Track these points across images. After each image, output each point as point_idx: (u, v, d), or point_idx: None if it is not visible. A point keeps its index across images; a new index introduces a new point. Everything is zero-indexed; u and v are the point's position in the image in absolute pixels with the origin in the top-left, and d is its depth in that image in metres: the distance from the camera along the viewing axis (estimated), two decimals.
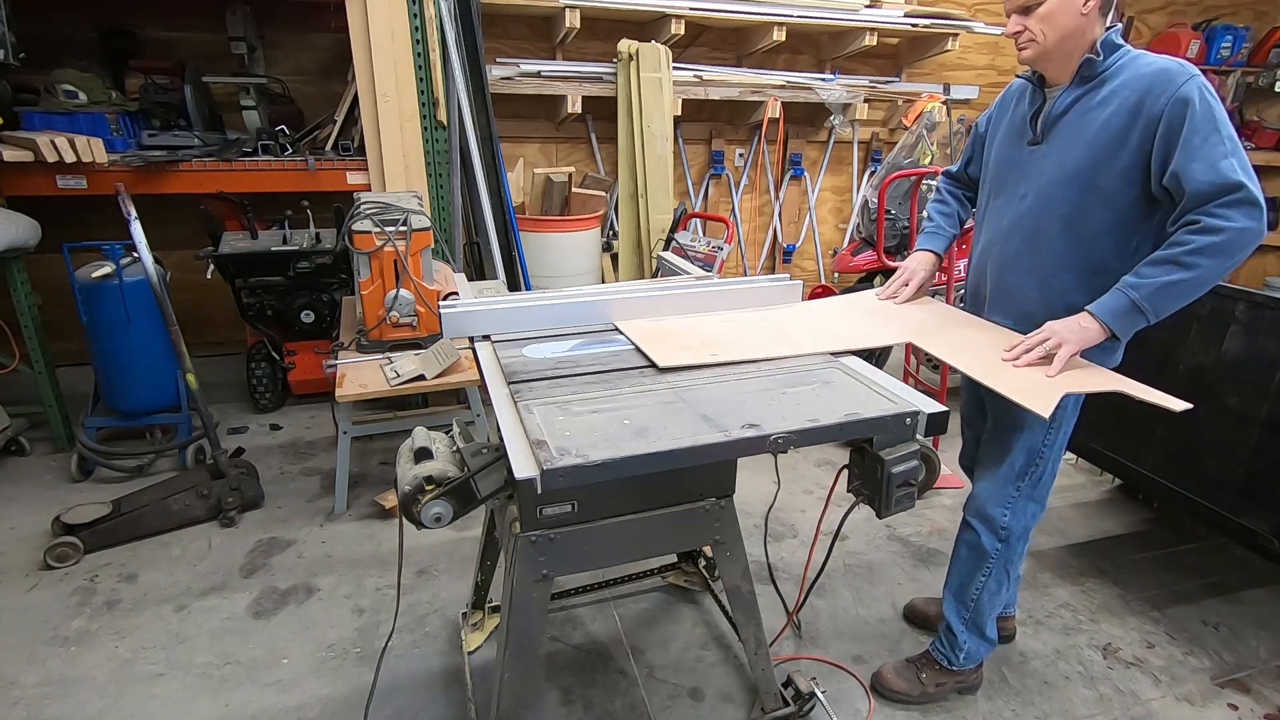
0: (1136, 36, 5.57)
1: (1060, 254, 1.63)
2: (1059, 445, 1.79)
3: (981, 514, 1.85)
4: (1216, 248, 1.42)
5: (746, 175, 4.97)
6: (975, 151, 1.96)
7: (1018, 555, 1.89)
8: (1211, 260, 1.43)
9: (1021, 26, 1.55)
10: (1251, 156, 5.52)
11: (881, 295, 1.96)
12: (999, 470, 1.81)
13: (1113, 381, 1.46)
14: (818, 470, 3.25)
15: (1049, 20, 1.52)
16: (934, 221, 2.01)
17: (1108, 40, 1.54)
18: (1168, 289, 1.47)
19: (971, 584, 1.91)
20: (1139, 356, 2.50)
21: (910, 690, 2.00)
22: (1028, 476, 1.79)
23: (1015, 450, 1.77)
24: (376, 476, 3.10)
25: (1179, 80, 1.44)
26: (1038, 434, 1.75)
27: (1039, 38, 1.55)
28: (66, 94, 3.17)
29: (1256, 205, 1.40)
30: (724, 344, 1.62)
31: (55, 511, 2.55)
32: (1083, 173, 1.57)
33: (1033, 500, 1.82)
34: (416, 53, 3.28)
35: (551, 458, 1.13)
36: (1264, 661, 2.21)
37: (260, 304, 3.30)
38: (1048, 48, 1.55)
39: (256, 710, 1.94)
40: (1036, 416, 1.69)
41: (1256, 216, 1.40)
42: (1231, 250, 1.42)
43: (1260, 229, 1.41)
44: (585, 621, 2.29)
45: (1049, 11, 1.51)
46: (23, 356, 3.13)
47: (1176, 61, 1.48)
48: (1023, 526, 1.84)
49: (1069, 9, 1.50)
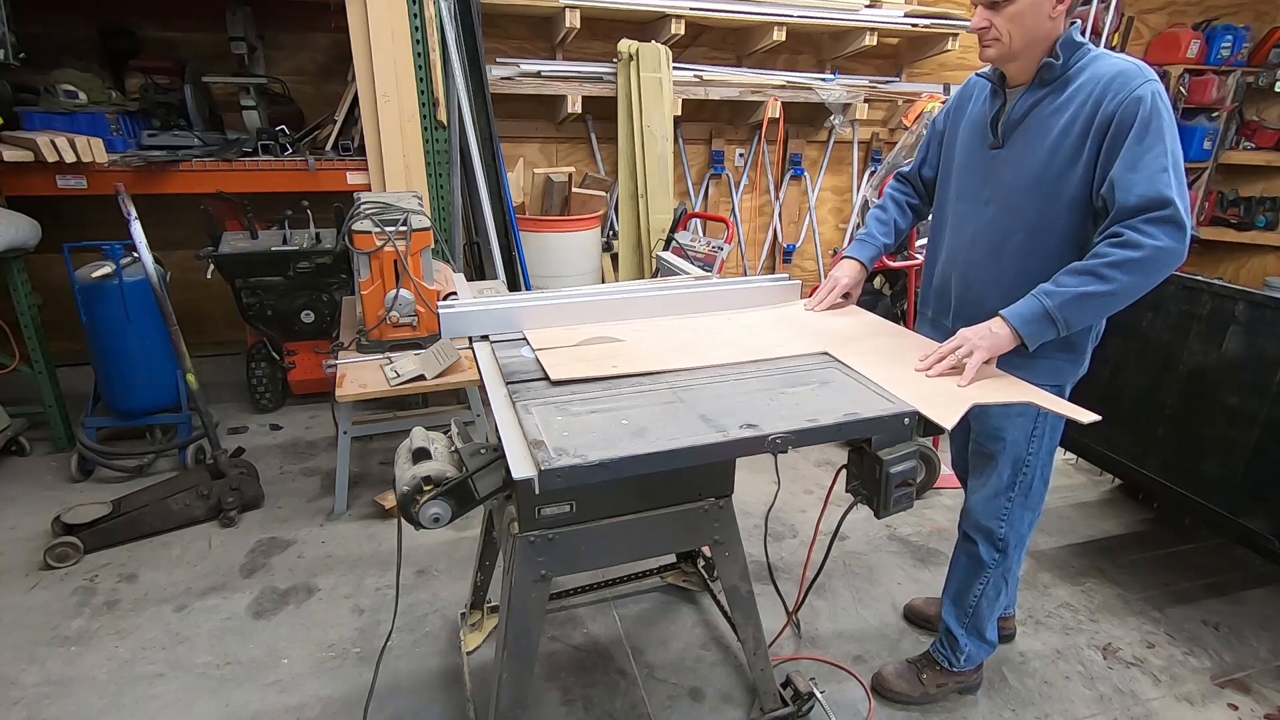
0: (1136, 37, 5.57)
1: (1024, 263, 1.59)
2: (1045, 452, 1.75)
3: (977, 527, 1.85)
4: (1135, 264, 1.39)
5: (746, 175, 4.96)
6: (931, 152, 1.91)
7: (1015, 562, 1.88)
8: (1128, 276, 1.40)
9: (987, 23, 1.50)
10: (1251, 156, 5.47)
11: (808, 305, 1.94)
12: (988, 483, 1.79)
13: (1025, 393, 1.43)
14: (818, 470, 3.25)
15: (1017, 21, 1.47)
16: (867, 229, 1.96)
17: (1068, 40, 1.50)
18: (1082, 301, 1.43)
19: (970, 591, 1.90)
20: (1139, 358, 2.52)
21: (911, 691, 2.00)
22: (1017, 487, 1.76)
23: (1000, 462, 1.75)
24: (376, 476, 3.11)
25: (1134, 83, 1.41)
26: (1020, 445, 1.72)
27: (1004, 37, 1.50)
28: (66, 94, 3.17)
29: (1180, 227, 1.37)
30: (625, 356, 1.56)
31: (55, 511, 2.55)
32: (1045, 179, 1.53)
33: (1027, 509, 1.80)
34: (416, 53, 3.28)
35: (549, 458, 1.13)
36: (1264, 661, 2.21)
37: (260, 304, 3.30)
38: (1013, 49, 1.51)
39: (256, 710, 1.94)
40: (1016, 428, 1.67)
41: (1178, 238, 1.37)
42: (1149, 268, 1.40)
43: (1180, 251, 1.38)
44: (585, 621, 2.29)
45: (1018, 11, 1.47)
46: (23, 356, 3.14)
47: (1135, 64, 1.45)
48: (1019, 535, 1.83)
49: (1039, 11, 1.46)
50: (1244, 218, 5.82)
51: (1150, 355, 2.48)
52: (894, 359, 1.59)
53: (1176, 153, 1.40)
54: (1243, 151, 5.81)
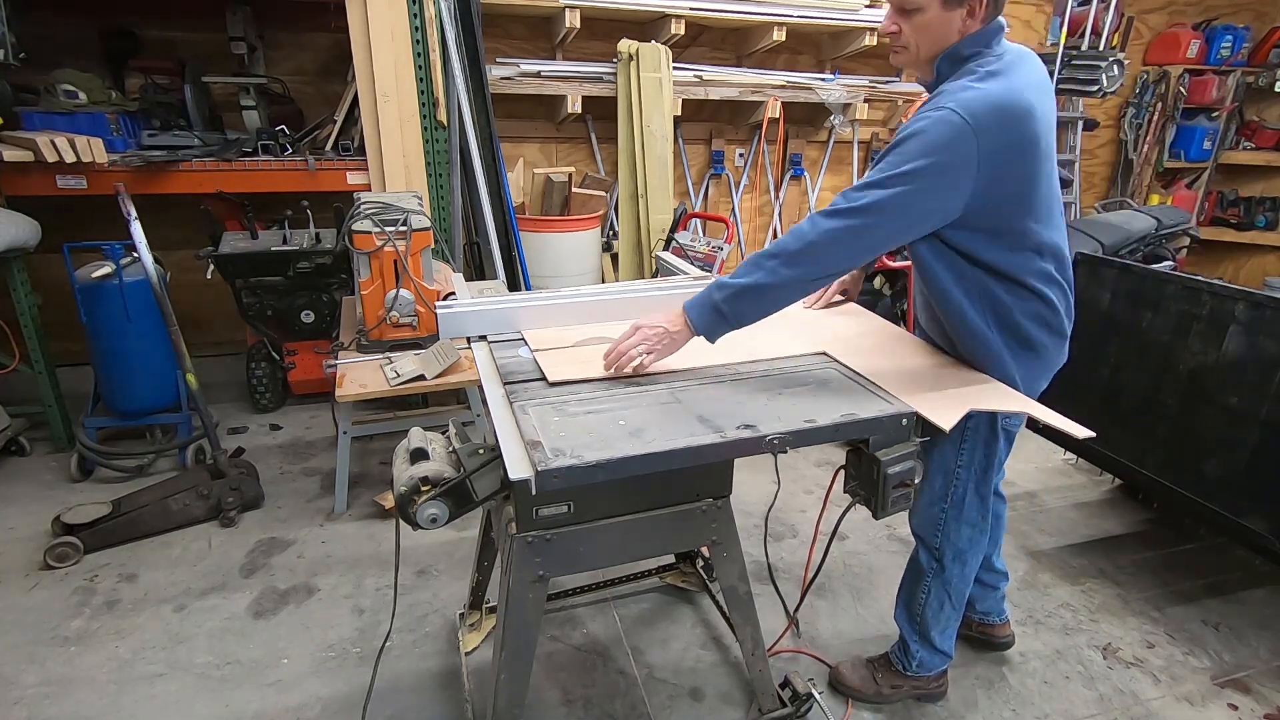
0: (1136, 36, 5.56)
1: (932, 270, 1.55)
2: (974, 468, 1.70)
3: (916, 532, 1.85)
4: (786, 251, 1.39)
5: (746, 175, 4.96)
6: None
7: (957, 577, 1.82)
8: (786, 268, 1.38)
9: (897, 28, 1.46)
10: (1251, 156, 5.47)
11: (806, 305, 1.93)
12: (926, 489, 1.77)
13: (1020, 403, 1.43)
14: (818, 470, 3.25)
15: (924, 31, 1.44)
16: None
17: (951, 53, 1.44)
18: (747, 293, 1.41)
19: (915, 597, 1.89)
20: (1139, 358, 2.52)
21: (864, 688, 1.99)
22: (949, 499, 1.74)
23: (933, 469, 1.73)
24: (376, 476, 3.11)
25: (928, 108, 1.38)
26: (948, 454, 1.70)
27: (911, 46, 1.47)
28: (66, 94, 3.17)
29: (836, 215, 1.36)
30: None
31: (55, 511, 2.55)
32: None
33: (964, 523, 1.76)
34: (416, 53, 3.28)
35: (546, 459, 1.13)
36: (1264, 661, 2.21)
37: (260, 304, 3.30)
38: (919, 58, 1.49)
39: (256, 710, 1.94)
40: (946, 437, 1.65)
41: (827, 226, 1.36)
42: (798, 256, 1.38)
43: (817, 241, 1.36)
44: (585, 621, 2.29)
45: (926, 23, 1.42)
46: (23, 356, 3.14)
47: (963, 86, 1.37)
48: (957, 549, 1.79)
49: (947, 24, 1.42)
50: (1244, 218, 5.82)
51: (1150, 355, 2.48)
52: (893, 360, 1.59)
53: (910, 172, 1.33)
54: (1243, 151, 5.80)
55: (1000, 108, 1.34)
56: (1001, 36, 1.46)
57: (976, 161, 1.33)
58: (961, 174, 1.35)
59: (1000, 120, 1.33)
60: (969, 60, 1.43)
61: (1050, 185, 1.48)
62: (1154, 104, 5.62)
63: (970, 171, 1.34)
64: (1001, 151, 1.35)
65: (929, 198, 1.36)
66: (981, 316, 1.53)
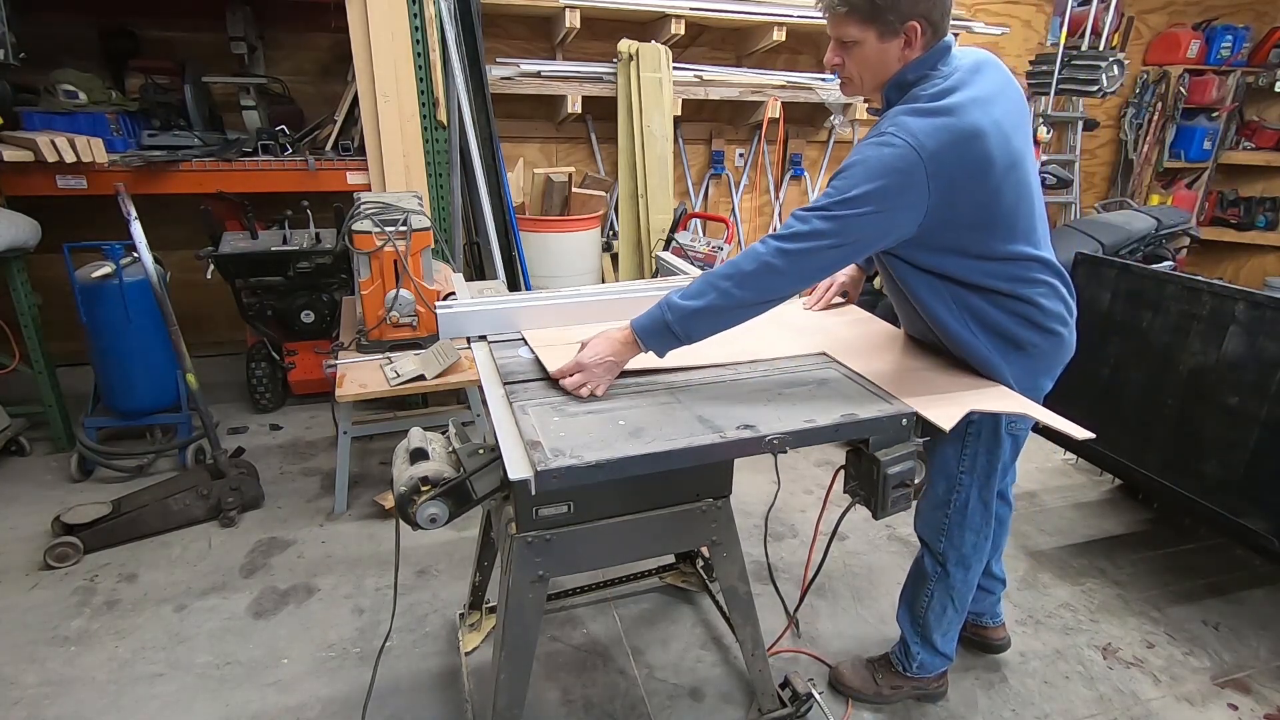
0: (1136, 36, 5.56)
1: (906, 282, 1.56)
2: (977, 473, 1.69)
3: (920, 535, 1.85)
4: (740, 272, 1.38)
5: (746, 175, 4.96)
6: None
7: (961, 583, 1.82)
8: (739, 289, 1.38)
9: (840, 60, 1.47)
10: (1251, 156, 5.48)
11: (805, 305, 1.93)
12: (929, 494, 1.77)
13: (1021, 405, 1.43)
14: (818, 470, 3.25)
15: (864, 64, 1.44)
16: None
17: (898, 79, 1.44)
18: (701, 314, 1.40)
19: (918, 599, 1.89)
20: (1139, 358, 2.52)
21: (864, 689, 1.99)
22: (952, 505, 1.73)
23: (935, 474, 1.73)
24: (376, 476, 3.11)
25: (878, 129, 1.38)
26: (950, 463, 1.69)
27: (854, 78, 1.48)
28: (66, 94, 3.17)
29: (788, 239, 1.37)
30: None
31: (55, 511, 2.55)
32: None
33: (967, 529, 1.75)
34: (416, 53, 3.28)
35: (546, 459, 1.13)
36: (1264, 661, 2.21)
37: (260, 304, 3.30)
38: (864, 89, 1.49)
39: (256, 710, 1.94)
40: (948, 440, 1.62)
41: (773, 251, 1.36)
42: (751, 278, 1.38)
43: (770, 263, 1.36)
44: (585, 621, 2.29)
45: (865, 55, 1.43)
46: (23, 356, 3.14)
47: (907, 111, 1.37)
48: (960, 555, 1.78)
49: (885, 56, 1.42)
50: (1244, 218, 5.82)
51: (1150, 355, 2.48)
52: (893, 360, 1.59)
53: (855, 197, 1.34)
54: (1243, 151, 5.81)
55: (943, 131, 1.33)
56: (949, 55, 1.44)
57: (925, 182, 1.33)
58: (910, 195, 1.34)
59: (946, 144, 1.32)
60: (915, 85, 1.43)
61: (1019, 193, 1.45)
62: (1154, 104, 5.63)
63: (920, 192, 1.34)
64: (949, 175, 1.34)
65: (877, 221, 1.36)
66: (962, 323, 1.52)
